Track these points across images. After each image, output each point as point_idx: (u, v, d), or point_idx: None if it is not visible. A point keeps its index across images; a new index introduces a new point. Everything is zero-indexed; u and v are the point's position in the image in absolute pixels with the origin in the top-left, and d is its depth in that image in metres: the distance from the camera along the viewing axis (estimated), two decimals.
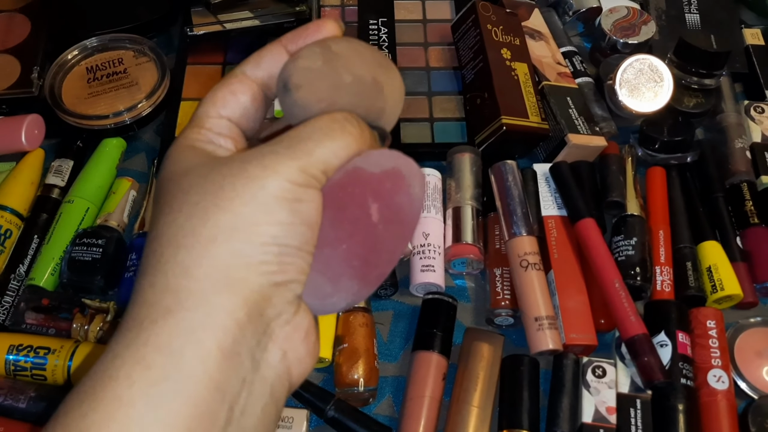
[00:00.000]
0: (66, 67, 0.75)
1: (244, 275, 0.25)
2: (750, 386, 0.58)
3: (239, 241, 0.25)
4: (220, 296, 0.25)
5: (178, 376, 0.23)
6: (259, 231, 0.25)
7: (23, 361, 0.57)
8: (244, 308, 0.25)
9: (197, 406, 0.24)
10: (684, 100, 0.73)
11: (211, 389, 0.24)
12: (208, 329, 0.24)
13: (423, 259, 0.63)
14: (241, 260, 0.25)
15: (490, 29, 0.74)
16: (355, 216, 0.28)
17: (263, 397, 0.26)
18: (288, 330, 0.27)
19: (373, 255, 0.29)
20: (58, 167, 0.70)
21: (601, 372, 0.57)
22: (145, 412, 0.23)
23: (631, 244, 0.63)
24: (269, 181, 0.26)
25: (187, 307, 0.24)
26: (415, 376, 0.57)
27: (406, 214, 0.30)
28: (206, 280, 0.25)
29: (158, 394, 0.23)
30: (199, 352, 0.24)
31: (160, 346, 0.24)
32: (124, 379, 0.23)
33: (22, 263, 0.64)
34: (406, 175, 0.30)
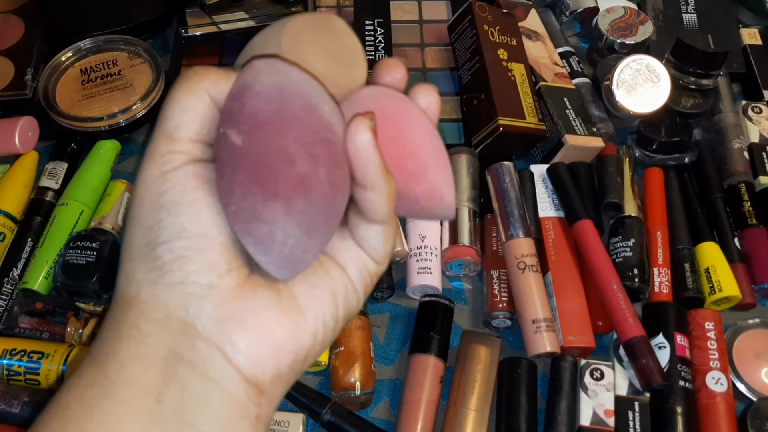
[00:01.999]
0: (60, 68, 0.74)
1: (135, 292, 0.26)
2: (749, 388, 0.58)
3: (125, 262, 0.27)
4: (122, 315, 0.27)
5: (105, 382, 0.25)
6: (134, 245, 0.27)
7: (17, 365, 0.57)
8: (144, 320, 0.26)
9: (130, 407, 0.25)
10: (681, 100, 0.73)
11: (139, 390, 0.25)
12: (121, 341, 0.26)
13: (420, 262, 0.63)
14: (132, 281, 0.27)
15: (487, 30, 0.73)
16: (226, 156, 0.26)
17: (208, 393, 0.25)
18: (216, 325, 0.26)
19: (262, 170, 0.26)
20: (52, 170, 0.69)
21: (599, 374, 0.57)
22: (79, 412, 0.25)
23: (629, 245, 0.62)
24: (138, 192, 0.27)
25: (106, 327, 0.27)
26: (412, 379, 0.57)
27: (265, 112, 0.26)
28: (115, 304, 0.27)
29: (90, 396, 0.25)
30: (116, 361, 0.26)
31: (91, 360, 0.26)
32: (65, 389, 0.26)
33: (16, 267, 0.64)
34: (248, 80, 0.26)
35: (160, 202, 0.26)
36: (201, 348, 0.26)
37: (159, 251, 0.26)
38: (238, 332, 0.26)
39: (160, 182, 0.26)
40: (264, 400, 0.27)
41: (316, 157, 0.26)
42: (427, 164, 0.29)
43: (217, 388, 0.26)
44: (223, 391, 0.26)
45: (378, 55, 0.77)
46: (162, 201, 0.26)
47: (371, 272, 0.29)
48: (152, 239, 0.26)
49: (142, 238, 0.26)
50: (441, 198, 0.30)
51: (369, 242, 0.28)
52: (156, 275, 0.26)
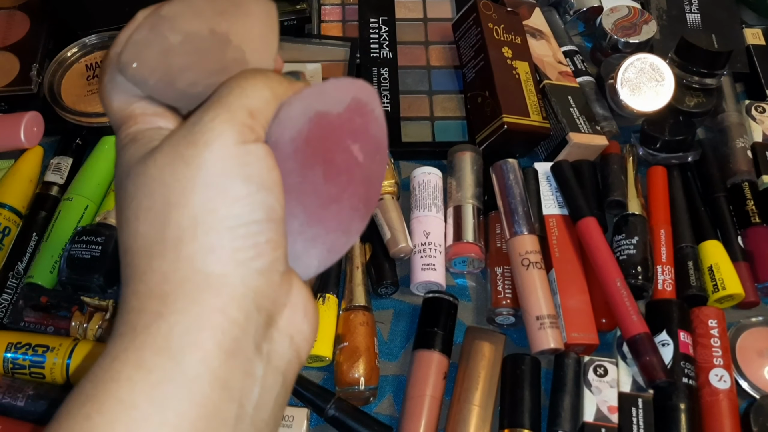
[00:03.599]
0: (65, 64, 0.75)
1: (222, 271, 0.24)
2: (752, 386, 0.58)
3: (205, 234, 0.24)
4: (206, 296, 0.24)
5: (180, 378, 0.23)
6: (220, 216, 0.24)
7: (21, 359, 0.57)
8: (234, 305, 0.24)
9: (204, 406, 0.23)
10: (685, 99, 0.73)
11: (216, 388, 0.23)
12: (204, 330, 0.23)
13: (424, 258, 0.63)
14: (215, 255, 0.24)
15: (491, 28, 0.73)
16: (344, 163, 0.27)
17: (276, 387, 0.25)
18: (288, 313, 0.26)
19: (371, 190, 0.28)
20: (57, 165, 0.69)
21: (602, 371, 0.57)
22: (149, 413, 0.22)
23: (633, 243, 0.62)
24: (206, 157, 0.24)
25: (178, 310, 0.24)
26: (416, 375, 0.57)
27: (380, 139, 0.29)
28: (188, 282, 0.24)
29: (161, 395, 0.23)
30: (198, 353, 0.23)
31: (158, 349, 0.23)
32: (126, 382, 0.23)
33: (21, 261, 0.64)
34: (367, 101, 0.28)
35: (247, 173, 0.24)
36: (275, 339, 0.25)
37: (253, 230, 0.24)
38: (306, 322, 0.26)
39: (242, 153, 0.24)
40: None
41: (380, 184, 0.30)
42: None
43: (282, 380, 0.25)
44: (284, 383, 0.26)
45: (382, 53, 0.78)
46: (249, 173, 0.24)
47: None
48: (243, 214, 0.24)
49: (231, 209, 0.24)
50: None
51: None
52: (247, 255, 0.24)
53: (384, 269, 0.63)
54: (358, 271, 0.62)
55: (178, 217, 0.24)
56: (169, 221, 0.24)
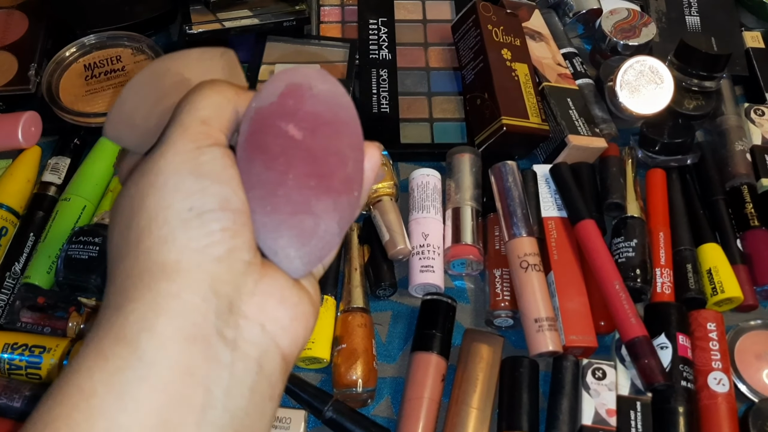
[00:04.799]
0: (64, 64, 0.74)
1: (177, 258, 0.25)
2: (750, 389, 0.58)
3: (159, 228, 0.25)
4: (162, 283, 0.24)
5: (138, 364, 0.23)
6: (174, 210, 0.25)
7: (18, 359, 0.57)
8: (189, 290, 0.24)
9: (165, 392, 0.23)
10: (684, 102, 0.73)
11: (178, 373, 0.23)
12: (160, 315, 0.24)
13: (422, 260, 0.63)
14: (169, 245, 0.25)
15: (491, 30, 0.73)
16: (279, 147, 0.28)
17: (249, 375, 0.25)
18: (257, 301, 0.26)
19: (321, 164, 0.28)
20: (55, 165, 0.69)
21: (601, 374, 0.57)
22: (108, 401, 0.23)
23: (632, 245, 0.62)
24: (161, 164, 0.26)
25: (133, 299, 0.24)
26: (414, 377, 0.57)
27: (325, 113, 0.28)
28: (145, 273, 0.25)
29: (120, 382, 0.23)
30: (155, 340, 0.23)
31: (115, 339, 0.24)
32: (85, 371, 0.23)
33: (18, 261, 0.64)
34: (301, 82, 0.29)
35: (202, 170, 0.26)
36: (243, 326, 0.25)
37: (206, 218, 0.25)
38: (281, 309, 0.26)
39: (197, 154, 0.26)
40: (286, 376, 0.27)
41: (357, 163, 0.29)
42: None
43: (257, 368, 0.25)
44: (261, 372, 0.25)
45: (381, 54, 0.77)
46: (204, 170, 0.26)
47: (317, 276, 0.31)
48: (197, 205, 0.25)
49: (184, 203, 0.25)
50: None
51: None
52: (201, 243, 0.25)
53: (382, 271, 0.63)
54: (357, 273, 0.62)
55: (138, 219, 0.26)
56: (131, 225, 0.26)
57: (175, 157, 0.26)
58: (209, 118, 0.27)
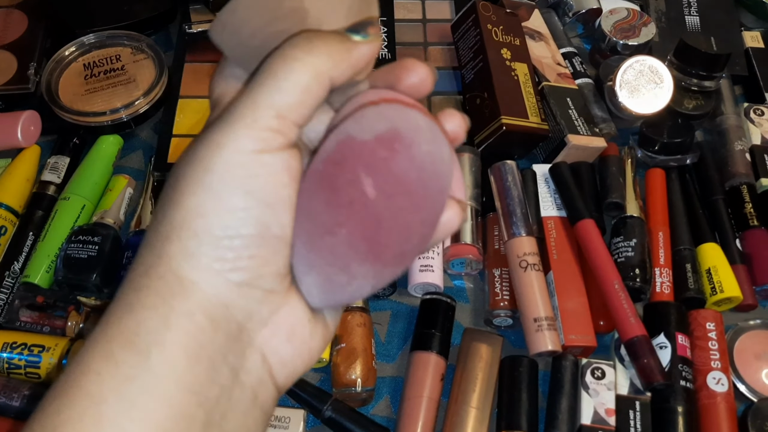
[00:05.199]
0: (63, 63, 0.74)
1: (196, 278, 0.24)
2: (749, 389, 0.58)
3: (188, 239, 0.24)
4: (176, 299, 0.24)
5: (147, 376, 0.23)
6: (208, 223, 0.23)
7: (17, 359, 0.57)
8: (201, 313, 0.24)
9: (171, 407, 0.23)
10: (684, 102, 0.73)
11: (183, 391, 0.23)
12: (171, 331, 0.23)
13: (421, 259, 0.63)
14: (192, 261, 0.24)
15: (490, 29, 0.73)
16: (348, 196, 0.25)
17: (244, 402, 0.25)
18: (266, 333, 0.25)
19: (381, 234, 0.26)
20: (54, 164, 0.69)
21: (600, 373, 0.57)
22: (117, 409, 0.22)
23: (631, 245, 0.62)
24: (215, 161, 0.24)
25: (148, 306, 0.24)
26: (413, 376, 0.57)
27: (413, 182, 0.25)
28: (162, 281, 0.24)
29: (129, 391, 0.22)
30: (164, 354, 0.23)
31: (126, 343, 0.23)
32: (95, 376, 0.23)
33: (17, 260, 0.64)
34: (405, 135, 0.25)
35: (250, 186, 0.24)
36: (247, 355, 0.25)
37: (238, 243, 0.24)
38: (286, 344, 0.26)
39: (255, 163, 0.24)
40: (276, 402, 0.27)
41: (423, 239, 0.26)
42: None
43: (252, 397, 0.25)
44: (256, 400, 0.25)
45: (381, 53, 0.77)
46: (253, 186, 0.24)
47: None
48: (232, 226, 0.24)
49: (220, 219, 0.23)
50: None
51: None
52: (224, 266, 0.24)
53: None
54: None
55: (172, 214, 0.24)
56: (165, 216, 0.24)
57: (232, 156, 0.24)
58: (288, 107, 0.24)
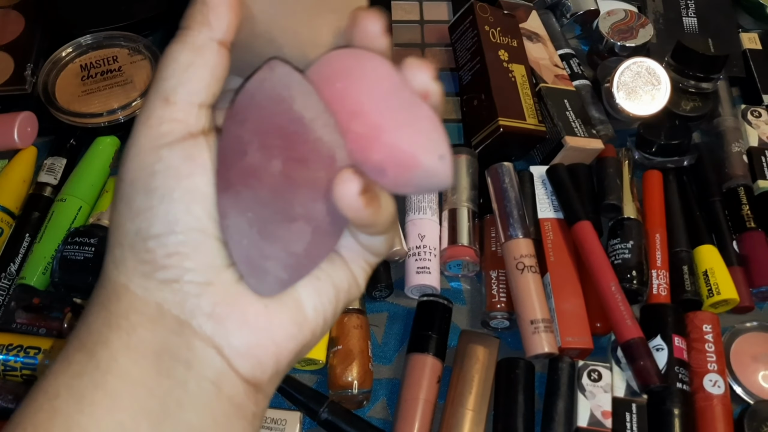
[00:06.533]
0: (60, 64, 0.74)
1: (126, 282, 0.24)
2: (746, 391, 0.58)
3: (114, 248, 0.25)
4: (112, 303, 0.25)
5: (95, 371, 0.24)
6: (124, 231, 0.24)
7: (13, 361, 0.57)
8: (135, 313, 0.24)
9: (120, 399, 0.24)
10: (681, 103, 0.73)
11: (131, 384, 0.24)
12: (112, 331, 0.24)
13: (418, 261, 0.62)
14: (121, 267, 0.25)
15: (488, 30, 0.73)
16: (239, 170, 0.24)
17: (205, 394, 0.24)
18: (212, 324, 0.24)
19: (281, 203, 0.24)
20: (51, 165, 0.69)
21: (596, 376, 0.57)
22: (69, 402, 0.24)
23: (628, 247, 0.62)
24: (123, 169, 0.24)
25: (93, 312, 0.25)
26: (410, 378, 0.57)
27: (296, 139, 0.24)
28: (103, 289, 0.25)
29: (78, 386, 0.24)
30: (109, 351, 0.24)
31: (78, 346, 0.25)
32: (52, 375, 0.24)
33: (13, 262, 0.64)
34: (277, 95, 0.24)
35: (152, 185, 0.24)
36: (197, 347, 0.24)
37: (150, 245, 0.24)
38: (238, 333, 0.24)
39: (153, 159, 0.24)
40: (261, 397, 0.26)
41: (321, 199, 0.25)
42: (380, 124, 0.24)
43: (214, 389, 0.24)
44: (220, 392, 0.25)
45: None
46: (154, 184, 0.24)
47: (372, 264, 0.28)
48: (142, 228, 0.24)
49: (132, 224, 0.24)
50: (414, 162, 0.24)
51: (372, 246, 0.27)
52: (148, 268, 0.24)
53: (378, 272, 0.63)
54: None
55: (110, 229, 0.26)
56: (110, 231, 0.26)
57: (134, 161, 0.24)
58: (173, 90, 0.24)
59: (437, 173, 0.24)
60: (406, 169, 0.24)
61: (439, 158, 0.24)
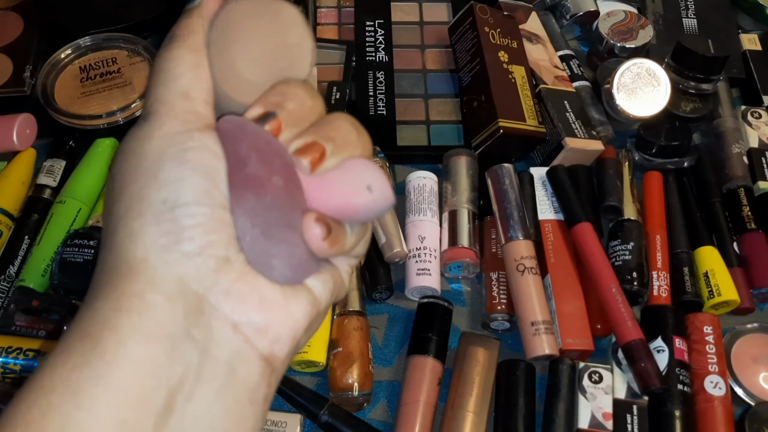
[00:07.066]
0: (59, 66, 0.74)
1: (143, 255, 0.23)
2: (747, 392, 0.58)
3: (132, 220, 0.24)
4: (125, 282, 0.23)
5: (98, 362, 0.22)
6: (149, 201, 0.24)
7: (13, 363, 0.56)
8: (150, 289, 0.23)
9: (125, 392, 0.22)
10: (681, 104, 0.73)
11: (139, 375, 0.22)
12: (120, 314, 0.23)
13: (419, 263, 0.62)
14: (137, 241, 0.24)
15: (488, 32, 0.73)
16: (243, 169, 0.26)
17: (218, 378, 0.24)
18: (231, 301, 0.24)
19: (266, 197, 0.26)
20: (50, 167, 0.69)
21: (597, 377, 0.56)
22: (65, 397, 0.22)
23: (628, 248, 0.62)
24: (146, 147, 0.25)
25: (99, 296, 0.24)
26: (410, 380, 0.57)
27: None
28: (113, 271, 0.24)
29: (78, 379, 0.22)
30: (116, 338, 0.22)
31: (80, 335, 0.23)
32: (48, 368, 0.23)
33: (13, 264, 0.63)
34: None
35: (186, 157, 0.24)
36: (214, 327, 0.24)
37: (178, 213, 0.24)
38: (258, 309, 0.24)
39: (185, 138, 0.25)
40: (274, 379, 0.26)
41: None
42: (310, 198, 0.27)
43: (229, 372, 0.24)
44: (234, 375, 0.24)
45: (378, 56, 0.77)
46: (188, 157, 0.24)
47: (353, 266, 0.30)
48: (171, 197, 0.24)
49: (158, 194, 0.24)
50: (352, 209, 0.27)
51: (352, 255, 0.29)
52: (171, 240, 0.23)
53: (378, 274, 0.62)
54: (352, 276, 0.62)
55: (117, 207, 0.25)
56: (111, 212, 0.25)
57: (161, 140, 0.25)
58: (190, 87, 0.26)
59: (376, 202, 0.26)
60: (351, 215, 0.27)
61: (368, 190, 0.26)
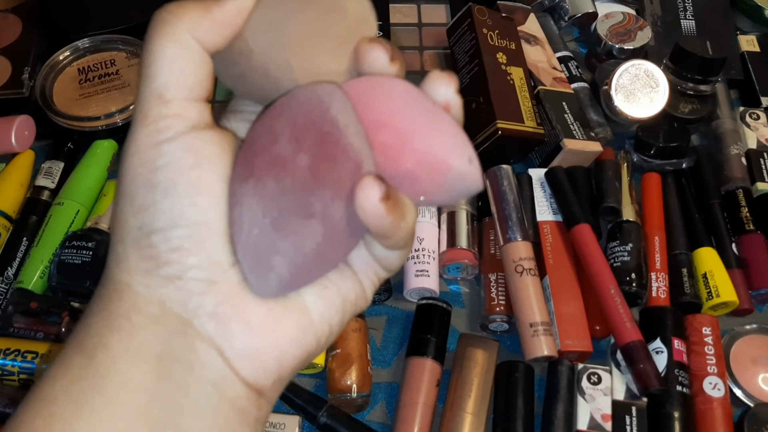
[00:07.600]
0: (57, 68, 0.74)
1: (128, 280, 0.24)
2: (746, 394, 0.58)
3: (116, 244, 0.24)
4: (113, 303, 0.24)
5: (94, 376, 0.23)
6: (127, 228, 0.24)
7: (11, 365, 0.56)
8: (137, 313, 0.24)
9: (120, 404, 0.23)
10: (680, 106, 0.73)
11: (130, 389, 0.23)
12: (112, 332, 0.24)
13: (417, 264, 0.62)
14: (122, 265, 0.24)
15: (486, 33, 0.73)
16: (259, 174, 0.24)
17: (207, 398, 0.24)
18: (215, 324, 0.24)
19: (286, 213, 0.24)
20: (49, 169, 0.69)
21: (596, 379, 0.56)
22: (66, 408, 0.23)
23: (627, 250, 0.62)
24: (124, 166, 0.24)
25: (94, 312, 0.24)
26: (409, 382, 0.57)
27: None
28: (104, 289, 0.25)
29: (77, 391, 0.23)
30: (108, 354, 0.23)
31: (78, 348, 0.24)
32: (50, 380, 0.24)
33: (11, 266, 0.63)
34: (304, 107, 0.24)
35: (155, 179, 0.23)
36: (199, 349, 0.24)
37: (154, 239, 0.23)
38: (241, 335, 0.24)
39: (155, 155, 0.23)
40: (264, 402, 0.25)
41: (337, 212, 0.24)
42: (407, 133, 0.24)
43: (216, 393, 0.24)
44: (222, 396, 0.24)
45: None
46: (157, 179, 0.23)
47: (381, 278, 0.27)
48: (146, 223, 0.23)
49: (134, 220, 0.24)
50: (445, 166, 0.24)
51: (385, 260, 0.26)
52: (151, 265, 0.23)
53: None
54: None
55: (111, 226, 0.25)
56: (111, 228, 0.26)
57: (133, 159, 0.24)
58: (165, 86, 0.24)
59: (468, 176, 0.24)
60: (438, 174, 0.24)
61: (469, 161, 0.24)
